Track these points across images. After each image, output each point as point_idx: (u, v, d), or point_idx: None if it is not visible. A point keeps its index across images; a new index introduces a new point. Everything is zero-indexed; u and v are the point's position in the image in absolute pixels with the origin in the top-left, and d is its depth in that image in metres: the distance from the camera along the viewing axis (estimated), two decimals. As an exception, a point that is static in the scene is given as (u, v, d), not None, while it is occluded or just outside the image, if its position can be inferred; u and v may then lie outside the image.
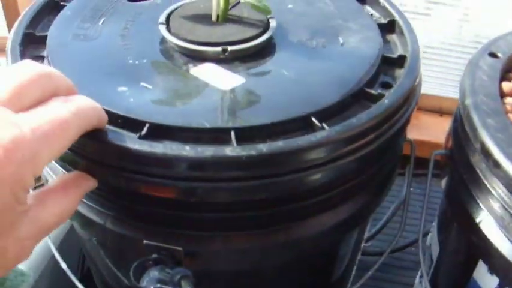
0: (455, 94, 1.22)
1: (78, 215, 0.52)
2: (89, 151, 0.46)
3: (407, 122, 0.56)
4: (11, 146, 0.34)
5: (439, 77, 1.23)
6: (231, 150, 0.45)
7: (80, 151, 0.46)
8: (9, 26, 1.32)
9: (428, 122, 1.21)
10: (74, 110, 0.39)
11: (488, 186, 0.53)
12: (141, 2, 0.65)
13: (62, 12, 0.62)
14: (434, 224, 0.75)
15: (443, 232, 0.70)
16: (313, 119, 0.49)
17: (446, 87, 1.24)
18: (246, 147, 0.45)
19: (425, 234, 0.79)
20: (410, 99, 0.55)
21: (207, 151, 0.44)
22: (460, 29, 1.20)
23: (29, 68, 0.39)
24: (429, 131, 1.16)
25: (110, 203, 0.51)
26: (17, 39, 0.57)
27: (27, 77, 0.39)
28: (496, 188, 0.52)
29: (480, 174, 0.54)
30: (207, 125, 0.47)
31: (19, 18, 0.60)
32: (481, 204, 0.55)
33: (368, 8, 0.69)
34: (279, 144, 0.45)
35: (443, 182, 0.68)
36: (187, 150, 0.44)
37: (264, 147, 0.45)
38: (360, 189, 0.55)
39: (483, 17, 1.19)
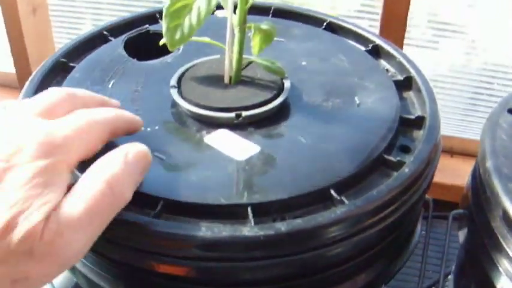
0: (465, 134, 1.21)
1: (89, 283, 0.51)
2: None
3: (428, 186, 0.54)
4: (45, 140, 0.39)
5: (449, 117, 1.21)
6: (249, 231, 0.43)
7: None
8: (16, 63, 1.32)
9: (440, 164, 1.19)
10: (96, 114, 0.44)
11: (510, 253, 0.52)
12: (152, 62, 0.64)
13: (71, 75, 0.61)
14: (451, 277, 0.73)
15: (461, 288, 0.68)
16: (332, 191, 0.48)
17: (456, 126, 1.22)
18: (263, 227, 0.43)
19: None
20: (431, 164, 0.54)
21: (224, 231, 0.43)
22: (468, 59, 1.19)
23: (56, 90, 0.45)
24: (441, 172, 1.14)
25: (123, 273, 0.49)
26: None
27: (55, 96, 0.44)
28: (519, 256, 0.51)
29: (502, 240, 0.53)
30: (223, 201, 0.46)
31: (28, 81, 0.59)
32: (502, 271, 0.53)
33: (383, 62, 0.67)
34: (298, 223, 0.44)
35: (461, 234, 0.66)
36: (203, 231, 0.43)
37: (282, 226, 0.43)
38: (379, 256, 0.53)
39: (490, 46, 1.18)
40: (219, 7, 0.57)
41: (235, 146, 0.51)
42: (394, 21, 1.09)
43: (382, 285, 0.59)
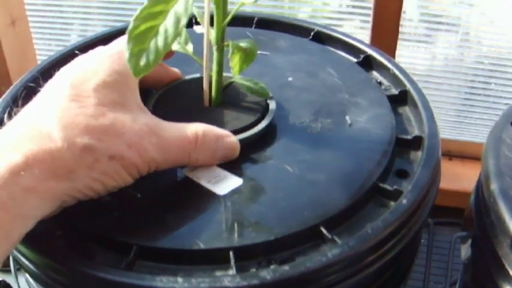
0: (463, 136, 1.16)
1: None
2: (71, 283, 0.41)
3: (429, 214, 0.49)
4: None
5: (447, 120, 1.17)
6: (230, 281, 0.39)
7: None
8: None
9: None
10: None
11: (518, 284, 0.47)
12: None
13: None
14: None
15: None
16: (322, 229, 0.43)
17: (454, 129, 1.18)
18: (247, 276, 0.39)
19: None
20: (431, 190, 0.49)
21: (202, 283, 0.38)
22: (461, 54, 1.15)
23: None
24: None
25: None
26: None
27: None
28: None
29: (509, 269, 0.48)
30: (202, 246, 0.41)
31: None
32: (511, 303, 0.49)
33: (375, 74, 0.62)
34: (285, 270, 0.39)
35: (463, 251, 0.61)
36: (180, 284, 0.38)
37: (267, 275, 0.39)
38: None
39: (484, 38, 1.14)
40: (198, 22, 0.52)
41: (216, 179, 0.47)
42: (387, 18, 1.04)
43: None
